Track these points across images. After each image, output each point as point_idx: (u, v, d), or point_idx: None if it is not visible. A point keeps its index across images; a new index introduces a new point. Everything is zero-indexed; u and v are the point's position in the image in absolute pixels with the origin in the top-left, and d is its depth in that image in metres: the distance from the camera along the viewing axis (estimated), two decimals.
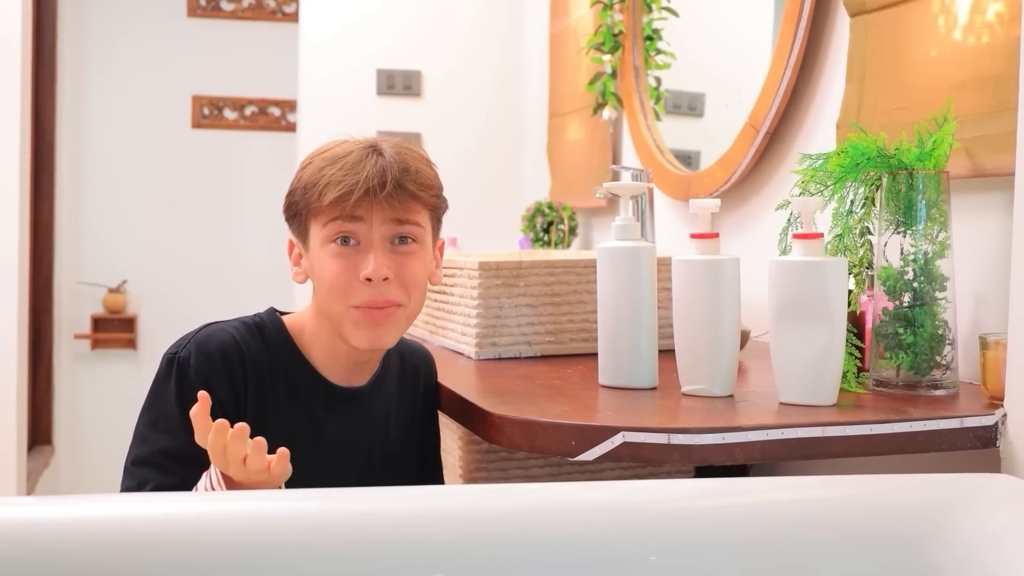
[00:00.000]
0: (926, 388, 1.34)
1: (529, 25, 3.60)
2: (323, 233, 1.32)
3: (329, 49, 3.52)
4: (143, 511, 1.01)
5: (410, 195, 1.31)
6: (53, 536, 0.97)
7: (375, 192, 1.28)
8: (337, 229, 1.31)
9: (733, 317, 1.35)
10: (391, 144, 1.34)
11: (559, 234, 3.06)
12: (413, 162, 1.33)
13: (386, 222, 1.31)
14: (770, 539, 1.00)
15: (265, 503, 1.02)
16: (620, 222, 1.44)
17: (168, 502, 1.05)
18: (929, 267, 1.34)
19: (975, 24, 1.44)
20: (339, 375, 1.40)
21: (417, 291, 1.35)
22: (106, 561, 0.95)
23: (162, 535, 0.97)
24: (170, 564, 0.95)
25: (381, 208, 1.30)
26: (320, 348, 1.39)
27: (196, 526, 0.98)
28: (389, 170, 1.29)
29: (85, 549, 0.95)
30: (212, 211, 4.50)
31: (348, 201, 1.28)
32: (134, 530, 0.98)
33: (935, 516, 1.03)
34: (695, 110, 2.58)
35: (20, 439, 3.36)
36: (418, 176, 1.32)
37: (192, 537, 0.96)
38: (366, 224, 1.30)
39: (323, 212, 1.30)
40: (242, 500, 0.95)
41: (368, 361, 1.41)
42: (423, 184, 1.33)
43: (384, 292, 1.31)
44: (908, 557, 1.01)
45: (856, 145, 1.38)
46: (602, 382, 1.45)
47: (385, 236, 1.31)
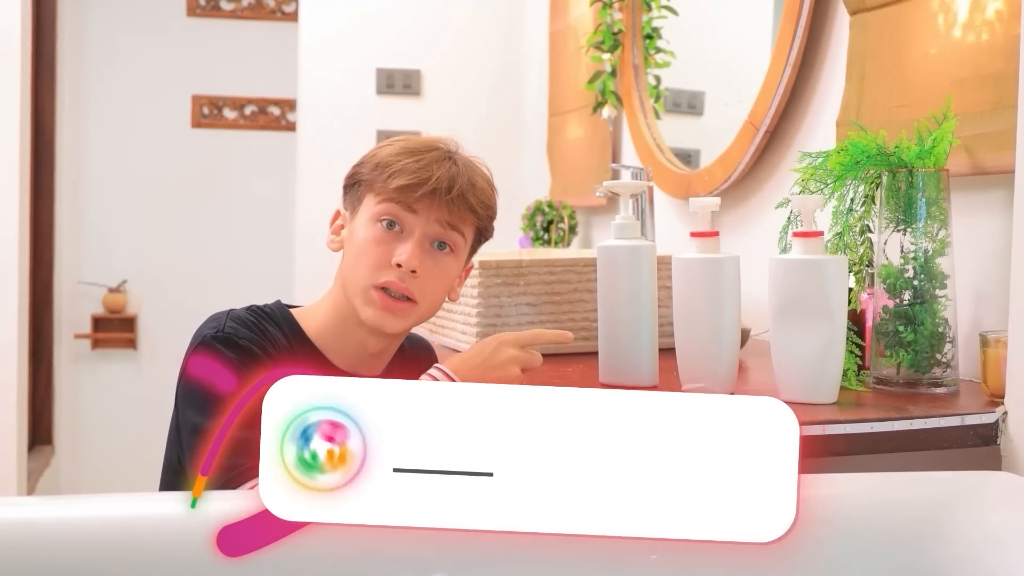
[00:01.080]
0: (926, 386, 1.34)
1: (529, 24, 3.60)
2: (376, 210, 1.35)
3: (329, 48, 3.52)
4: (143, 511, 1.01)
5: (468, 207, 1.36)
6: (53, 536, 0.97)
7: (440, 194, 1.33)
8: (390, 211, 1.34)
9: (733, 315, 1.35)
10: (464, 157, 1.39)
11: (559, 233, 3.06)
12: (481, 180, 1.38)
13: (436, 222, 1.35)
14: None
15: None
16: (620, 220, 1.44)
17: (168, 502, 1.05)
18: (929, 265, 1.33)
19: (975, 22, 1.44)
20: (350, 364, 1.40)
21: (436, 296, 1.38)
22: (107, 561, 0.95)
23: (163, 535, 0.97)
24: (171, 563, 0.95)
25: (439, 208, 1.34)
26: (332, 336, 1.40)
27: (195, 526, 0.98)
28: (459, 179, 1.34)
29: (86, 549, 0.95)
30: (212, 210, 4.49)
31: (413, 194, 1.33)
32: (135, 530, 0.98)
33: (936, 514, 1.03)
34: (695, 108, 2.58)
35: (20, 439, 3.36)
36: (482, 194, 1.38)
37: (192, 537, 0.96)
38: (417, 217, 1.34)
39: (385, 193, 1.34)
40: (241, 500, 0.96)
41: (380, 353, 1.42)
42: (483, 203, 1.38)
43: (407, 281, 1.33)
44: (909, 555, 1.01)
45: (856, 143, 1.38)
46: (602, 380, 1.45)
47: (428, 235, 1.35)
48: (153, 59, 4.47)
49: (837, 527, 1.04)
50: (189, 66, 4.51)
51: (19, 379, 3.30)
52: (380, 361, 1.43)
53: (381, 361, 1.43)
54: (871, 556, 1.02)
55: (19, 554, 0.94)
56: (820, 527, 1.03)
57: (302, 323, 1.41)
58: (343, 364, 1.40)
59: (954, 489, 1.07)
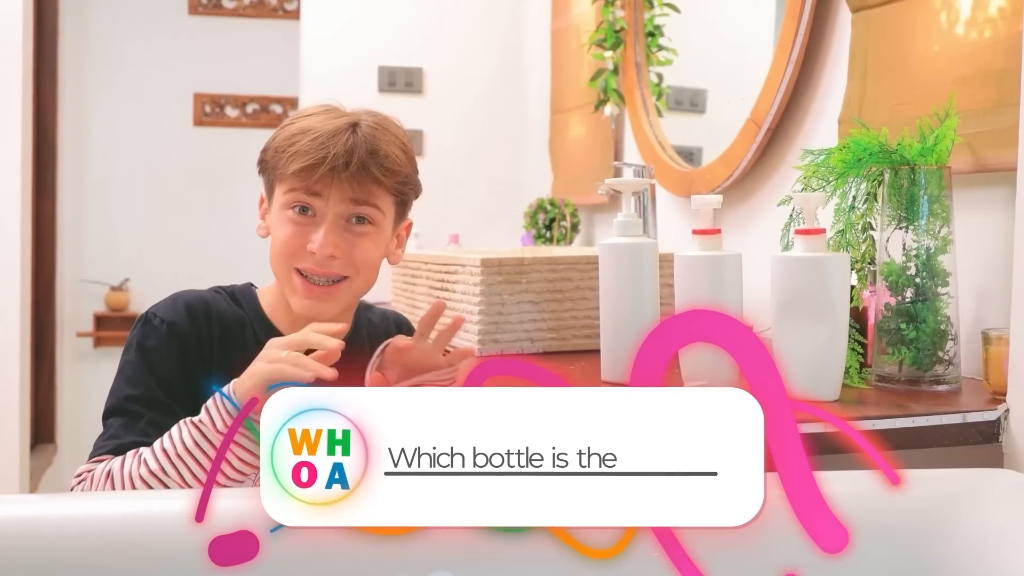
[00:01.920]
0: (928, 383, 1.34)
1: (530, 22, 3.60)
2: (283, 199, 1.33)
3: (330, 46, 3.52)
4: (145, 509, 1.01)
5: (372, 179, 1.30)
6: (56, 534, 0.97)
7: (338, 171, 1.28)
8: (295, 199, 1.32)
9: (735, 313, 1.35)
10: (370, 123, 1.33)
11: (561, 231, 3.06)
12: (385, 145, 1.32)
13: (343, 201, 1.31)
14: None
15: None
16: (622, 218, 1.44)
17: (170, 499, 1.05)
18: (931, 262, 1.33)
19: (977, 19, 1.44)
20: None
21: (369, 265, 1.35)
22: (109, 559, 0.95)
23: (165, 532, 0.97)
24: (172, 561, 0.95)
25: (341, 187, 1.30)
26: (285, 313, 1.39)
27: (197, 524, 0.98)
28: (356, 151, 1.29)
29: (88, 547, 0.95)
30: (214, 209, 4.50)
31: (311, 176, 1.29)
32: (137, 527, 0.98)
33: (938, 512, 1.03)
34: (697, 106, 2.58)
35: (23, 437, 3.36)
36: (386, 160, 1.31)
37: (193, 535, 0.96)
38: (323, 200, 1.31)
39: (286, 180, 1.32)
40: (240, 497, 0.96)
41: None
42: (389, 169, 1.32)
43: (327, 267, 1.32)
44: (911, 553, 1.01)
45: (858, 141, 1.38)
46: (604, 378, 1.45)
47: (340, 214, 1.31)
48: (155, 57, 4.47)
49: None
50: (191, 64, 4.51)
51: (21, 377, 3.31)
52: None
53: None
54: (873, 553, 1.02)
55: (22, 552, 0.94)
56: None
57: (263, 302, 1.41)
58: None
59: (957, 486, 1.07)
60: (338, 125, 1.30)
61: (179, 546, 0.95)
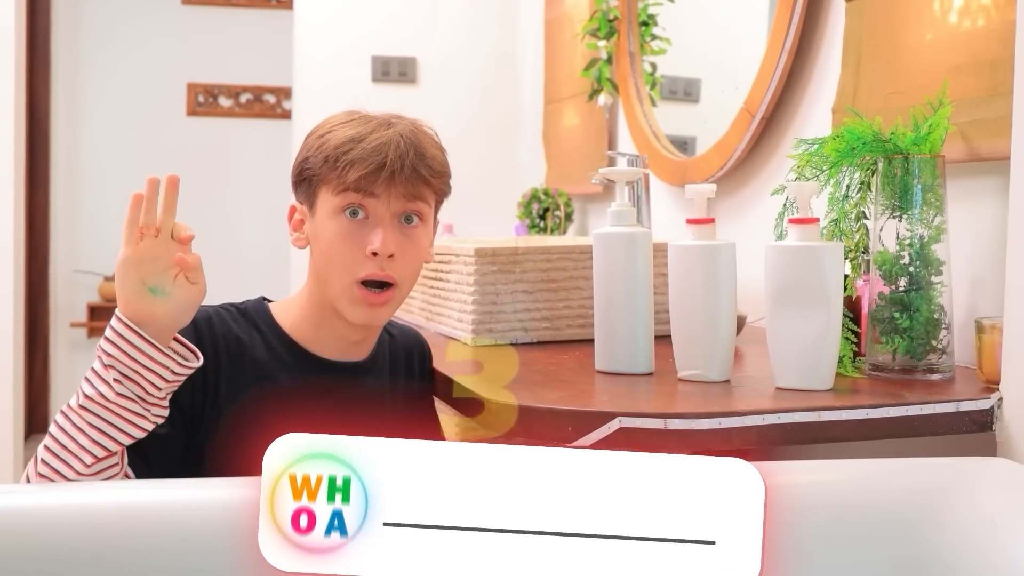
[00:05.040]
0: (922, 372, 1.34)
1: (524, 11, 3.59)
2: (335, 202, 1.34)
3: (323, 36, 3.51)
4: (140, 498, 1.01)
5: (422, 180, 1.35)
6: (49, 523, 0.97)
7: (396, 174, 1.32)
8: (351, 200, 1.33)
9: (729, 302, 1.35)
10: (407, 127, 1.38)
11: (555, 220, 3.06)
12: (428, 148, 1.37)
13: (398, 199, 1.34)
14: (767, 523, 1.00)
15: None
16: (616, 208, 1.44)
17: (166, 489, 1.05)
18: (925, 251, 1.34)
19: (971, 8, 1.44)
20: (331, 353, 1.40)
21: (415, 271, 1.38)
22: (103, 547, 0.95)
23: (160, 521, 0.97)
24: (168, 550, 0.95)
25: (397, 187, 1.33)
26: (311, 328, 1.39)
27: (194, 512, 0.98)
28: (409, 153, 1.33)
29: (82, 536, 0.95)
30: (208, 198, 4.49)
31: (374, 180, 1.31)
32: (131, 516, 0.98)
33: (931, 500, 1.04)
34: (691, 96, 2.57)
35: (17, 427, 3.36)
36: (433, 162, 1.37)
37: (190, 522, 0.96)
38: (377, 200, 1.33)
39: (343, 184, 1.33)
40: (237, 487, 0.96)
41: (361, 341, 1.41)
42: (436, 171, 1.37)
43: (386, 267, 1.33)
44: (904, 541, 1.02)
45: (852, 130, 1.38)
46: (598, 368, 1.45)
47: (395, 213, 1.34)
48: (148, 47, 4.46)
49: (833, 513, 1.04)
50: (184, 54, 4.50)
51: (15, 367, 3.30)
52: (363, 348, 1.43)
53: (364, 348, 1.43)
54: (867, 542, 1.02)
55: (15, 541, 0.94)
56: (816, 513, 1.04)
57: (278, 317, 1.41)
58: (325, 354, 1.39)
59: (950, 475, 1.07)
60: (388, 133, 1.34)
61: (177, 533, 0.95)
